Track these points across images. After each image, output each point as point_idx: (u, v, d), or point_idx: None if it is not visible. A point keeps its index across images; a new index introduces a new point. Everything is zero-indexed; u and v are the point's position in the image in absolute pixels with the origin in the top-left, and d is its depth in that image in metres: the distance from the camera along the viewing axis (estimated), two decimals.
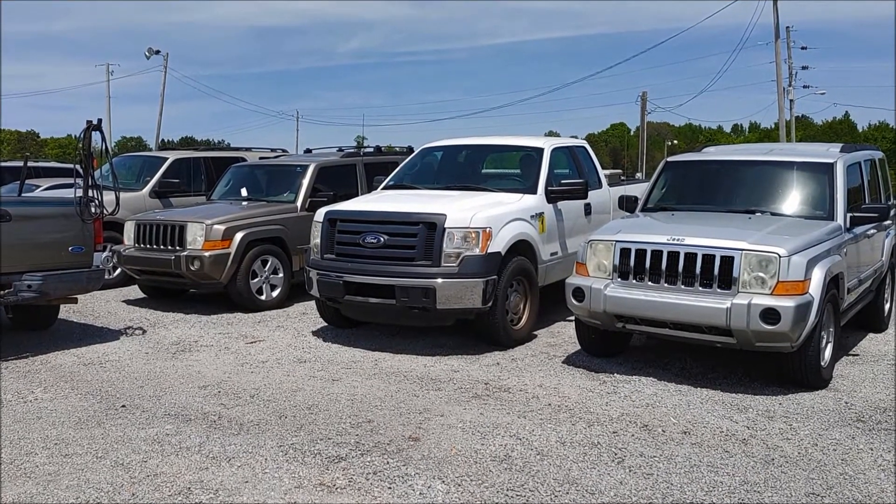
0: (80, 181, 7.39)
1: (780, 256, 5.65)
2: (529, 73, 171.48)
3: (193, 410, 5.40)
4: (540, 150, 8.42)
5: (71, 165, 17.43)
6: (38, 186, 12.92)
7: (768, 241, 5.83)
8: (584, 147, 9.43)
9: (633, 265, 6.15)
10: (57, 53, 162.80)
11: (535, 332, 7.68)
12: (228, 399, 5.66)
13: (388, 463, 4.42)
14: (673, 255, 5.97)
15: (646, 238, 6.20)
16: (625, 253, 6.21)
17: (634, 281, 6.14)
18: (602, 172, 9.44)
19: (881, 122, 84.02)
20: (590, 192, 8.46)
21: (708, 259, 5.84)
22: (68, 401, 5.64)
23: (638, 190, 9.96)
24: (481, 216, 7.01)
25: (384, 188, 8.64)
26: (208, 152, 13.19)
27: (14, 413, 5.34)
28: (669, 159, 8.05)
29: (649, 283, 6.07)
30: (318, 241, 7.49)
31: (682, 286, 5.92)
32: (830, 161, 6.96)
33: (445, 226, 6.87)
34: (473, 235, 6.89)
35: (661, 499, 3.99)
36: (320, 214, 7.57)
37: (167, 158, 12.04)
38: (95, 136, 7.45)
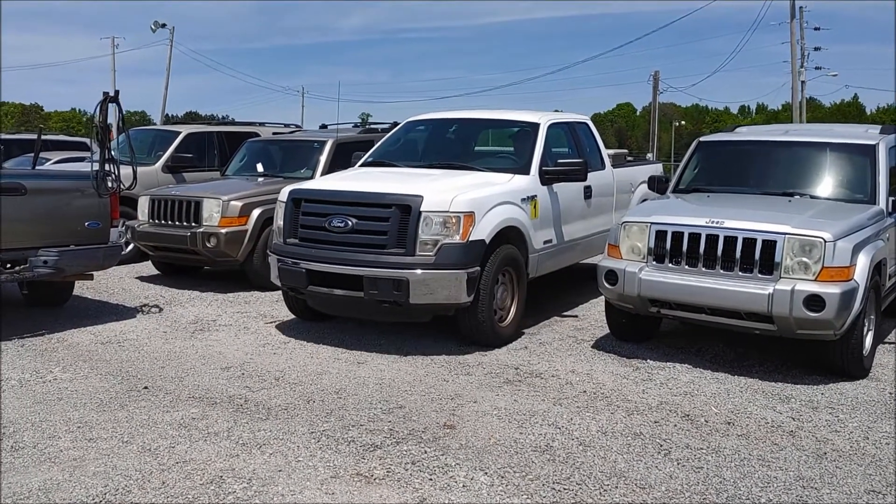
0: (95, 154, 7.20)
1: (825, 241, 5.46)
2: (535, 52, 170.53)
3: (218, 393, 5.24)
4: (535, 126, 7.58)
5: (80, 139, 17.26)
6: (48, 160, 12.72)
7: (812, 224, 5.64)
8: (585, 124, 8.65)
9: (670, 248, 5.95)
10: (62, 26, 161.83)
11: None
12: (253, 381, 5.50)
13: (425, 452, 4.25)
14: (712, 239, 5.77)
15: (683, 220, 5.99)
16: (660, 235, 6.02)
17: (671, 264, 5.95)
18: (605, 152, 8.70)
19: (890, 104, 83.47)
20: (591, 174, 7.75)
21: (749, 243, 5.65)
22: (89, 381, 5.47)
23: (646, 172, 9.36)
24: (463, 199, 6.17)
25: (362, 165, 7.84)
26: (221, 127, 12.97)
27: (34, 394, 5.18)
28: (702, 139, 7.82)
29: (686, 266, 5.87)
30: (280, 223, 6.70)
31: (721, 271, 5.73)
32: (872, 143, 6.74)
33: (421, 209, 6.04)
34: (453, 220, 6.06)
35: (714, 495, 3.82)
36: (284, 193, 6.78)
37: (180, 133, 11.81)
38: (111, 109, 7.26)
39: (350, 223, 6.21)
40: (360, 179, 7.02)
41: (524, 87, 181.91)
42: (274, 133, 12.26)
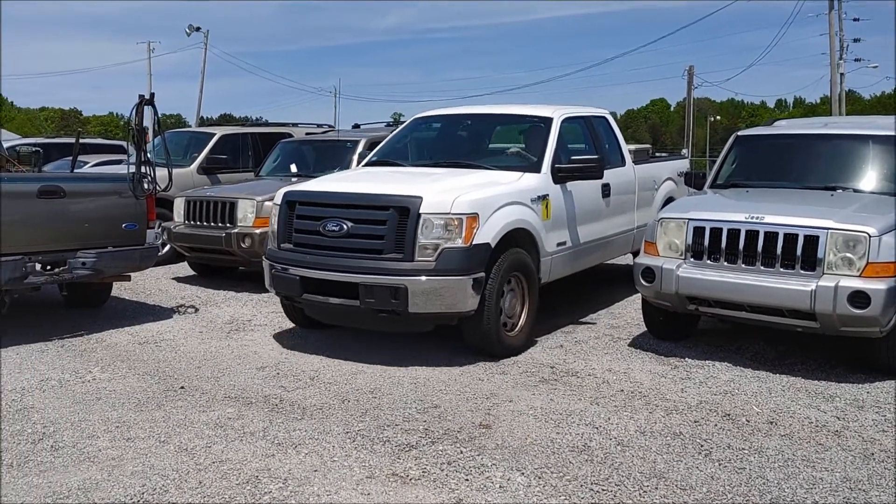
0: (131, 157, 7.27)
1: (869, 236, 5.31)
2: (565, 49, 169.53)
3: (253, 393, 5.25)
4: (547, 121, 7.13)
5: (117, 142, 17.51)
6: (86, 163, 12.91)
7: (856, 219, 5.49)
8: (604, 118, 8.21)
9: (708, 245, 5.84)
10: (98, 32, 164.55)
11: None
12: (288, 381, 5.50)
13: (461, 452, 4.21)
14: (752, 235, 5.66)
15: (722, 216, 5.89)
16: (699, 232, 5.91)
17: (709, 261, 5.84)
18: (626, 148, 8.28)
19: None
20: (610, 171, 7.39)
21: (790, 238, 5.52)
22: (126, 381, 5.52)
23: (671, 168, 9.19)
24: (466, 199, 5.74)
25: (366, 164, 7.48)
26: (255, 128, 13.06)
27: (74, 394, 5.23)
28: (740, 133, 7.67)
29: (725, 263, 5.76)
30: (275, 227, 6.32)
31: (762, 267, 5.61)
32: None
33: (421, 211, 5.62)
34: (455, 223, 5.64)
35: (758, 496, 3.73)
36: (279, 196, 6.40)
37: (214, 134, 11.91)
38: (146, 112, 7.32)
39: (345, 227, 5.81)
40: (358, 180, 6.63)
41: (554, 84, 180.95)
42: (307, 133, 12.32)
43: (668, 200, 8.61)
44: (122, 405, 5.01)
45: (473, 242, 5.69)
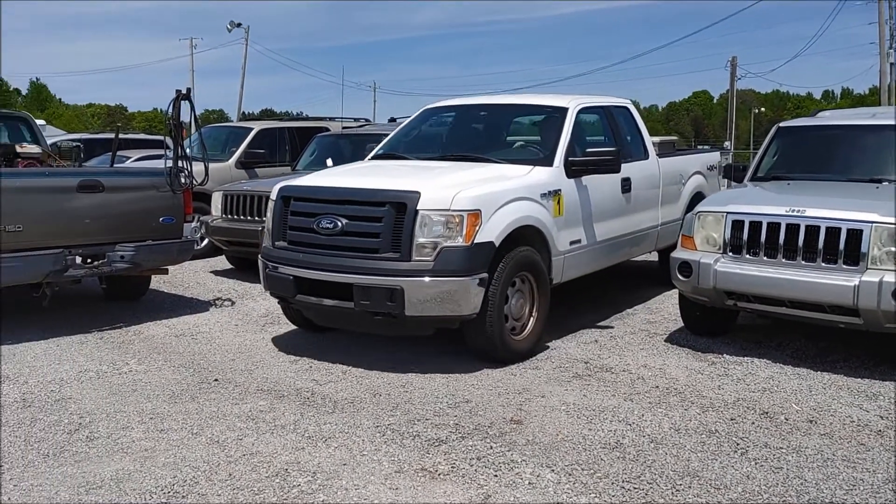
0: (169, 151, 7.35)
1: None
2: (605, 42, 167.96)
3: (286, 386, 5.27)
4: (562, 111, 6.75)
5: (158, 137, 17.77)
6: (127, 158, 13.11)
7: None
8: (625, 108, 7.80)
9: (747, 238, 5.71)
10: (142, 30, 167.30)
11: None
12: (320, 375, 5.51)
13: (491, 448, 4.17)
14: (792, 228, 5.51)
15: (761, 209, 5.75)
16: (737, 225, 5.78)
17: (748, 255, 5.71)
18: (649, 140, 7.87)
19: None
20: (631, 164, 7.10)
21: (833, 232, 5.37)
22: (162, 373, 5.58)
23: (700, 161, 8.79)
24: (467, 195, 5.41)
25: (372, 157, 7.18)
26: (292, 122, 13.14)
27: (110, 385, 5.31)
28: (781, 125, 7.50)
29: (765, 257, 5.62)
30: (270, 224, 6.08)
31: (803, 261, 5.46)
32: None
33: (418, 207, 5.30)
34: (456, 220, 5.31)
35: (795, 497, 3.63)
36: (274, 191, 6.14)
37: (252, 129, 12.01)
38: (183, 107, 7.39)
39: (340, 224, 5.51)
40: (356, 174, 6.32)
41: (594, 76, 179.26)
42: (344, 128, 12.36)
43: (697, 196, 8.34)
44: (156, 397, 5.07)
45: (475, 241, 5.36)
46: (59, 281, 6.68)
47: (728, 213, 5.85)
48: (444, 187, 5.49)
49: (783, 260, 5.54)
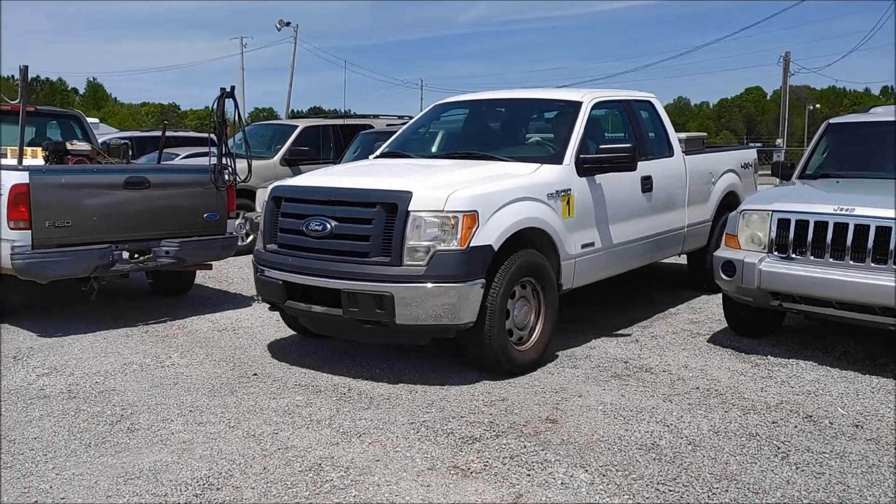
0: (214, 149, 7.46)
1: None
2: (654, 37, 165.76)
3: (323, 381, 5.30)
4: (575, 105, 6.38)
5: (206, 135, 18.05)
6: (176, 155, 13.34)
7: None
8: (648, 102, 7.36)
9: (793, 238, 5.57)
10: (195, 29, 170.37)
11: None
12: (359, 370, 5.54)
13: (525, 447, 4.14)
14: (840, 227, 5.37)
15: (808, 208, 5.60)
16: (783, 224, 5.65)
17: (794, 255, 5.57)
18: (674, 136, 7.43)
19: None
20: (653, 162, 6.78)
21: (882, 232, 5.21)
22: (203, 367, 5.67)
23: (733, 158, 8.34)
24: (462, 195, 5.07)
25: (378, 156, 6.93)
26: (336, 120, 13.24)
27: (153, 378, 5.41)
28: (832, 121, 7.31)
29: (811, 257, 5.49)
30: (262, 226, 5.84)
31: (851, 261, 5.31)
32: None
33: (410, 208, 4.99)
34: (450, 222, 4.97)
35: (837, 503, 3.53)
36: (267, 191, 5.90)
37: (297, 127, 12.15)
38: (229, 105, 7.49)
39: (329, 226, 5.22)
40: (350, 174, 6.10)
41: (642, 73, 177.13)
42: (388, 125, 12.41)
43: (729, 195, 8.02)
44: (196, 390, 5.15)
45: (471, 244, 5.02)
46: (107, 275, 6.83)
47: (774, 211, 5.72)
48: (437, 187, 5.17)
49: (831, 260, 5.40)
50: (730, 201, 7.95)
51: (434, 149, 6.99)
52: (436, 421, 4.53)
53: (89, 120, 10.78)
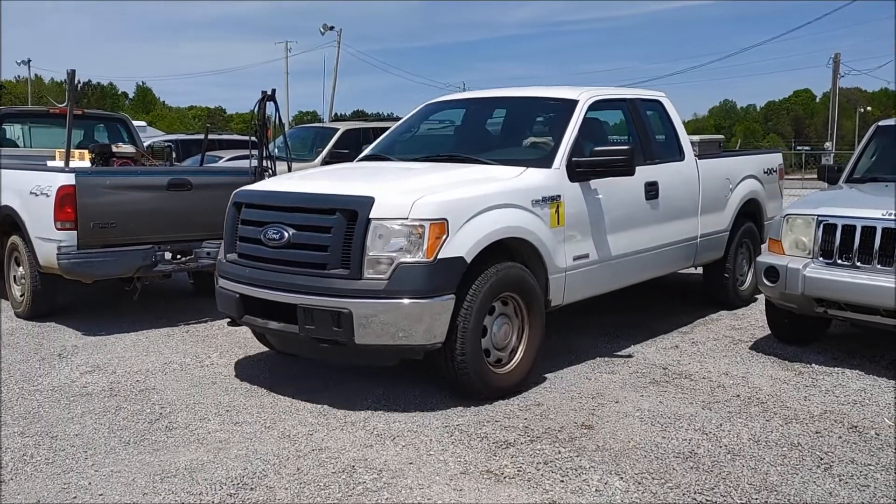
0: (255, 151, 7.55)
1: None
2: (700, 39, 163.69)
3: (358, 384, 5.30)
4: (570, 104, 5.87)
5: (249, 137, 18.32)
6: (220, 157, 13.54)
7: None
8: (656, 101, 6.84)
9: (839, 243, 5.44)
10: (240, 33, 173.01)
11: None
12: (396, 371, 5.53)
13: (559, 452, 4.10)
14: (889, 233, 5.22)
15: (855, 212, 5.47)
16: (828, 229, 5.51)
17: (840, 261, 5.43)
18: (686, 138, 6.87)
19: None
20: (660, 166, 6.31)
21: None
22: (241, 367, 5.73)
23: (754, 163, 7.74)
24: (430, 201, 4.59)
25: (360, 159, 6.57)
26: (377, 123, 13.32)
27: (192, 377, 5.48)
28: (881, 124, 7.12)
29: (858, 263, 5.34)
30: (224, 234, 5.43)
31: None
32: None
33: (371, 215, 4.52)
34: (416, 231, 4.49)
35: None
36: (232, 195, 5.47)
37: (338, 129, 12.28)
38: (270, 108, 7.59)
39: (286, 235, 4.79)
40: (316, 178, 5.68)
41: (690, 75, 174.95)
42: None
43: (749, 203, 7.51)
44: (234, 390, 5.20)
45: (440, 256, 4.52)
46: (150, 276, 6.95)
47: (819, 216, 5.59)
48: (402, 192, 4.73)
49: (878, 266, 5.25)
50: (750, 209, 7.57)
51: (418, 151, 6.43)
52: (470, 425, 4.51)
53: (138, 123, 11.03)
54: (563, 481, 3.77)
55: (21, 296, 7.21)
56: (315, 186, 5.23)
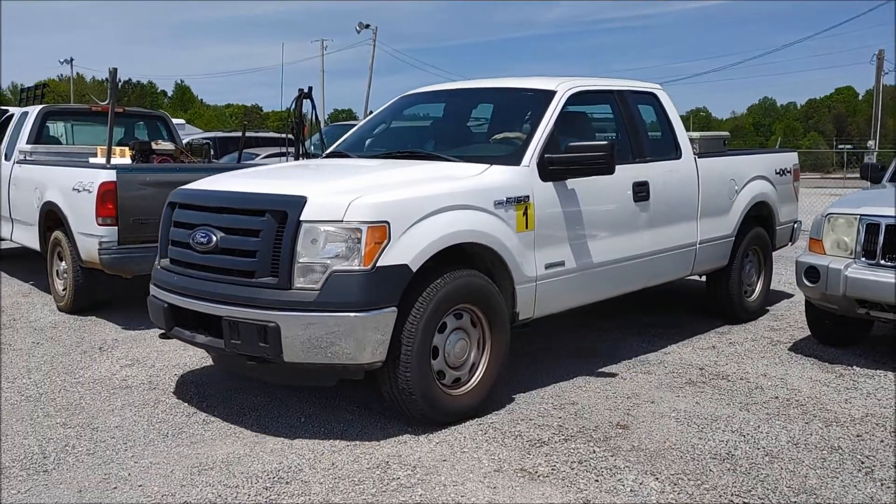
0: (291, 148, 7.61)
1: None
2: (739, 36, 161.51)
3: None
4: (546, 95, 5.33)
5: (285, 135, 18.48)
6: (257, 155, 13.67)
7: None
8: (650, 94, 6.23)
9: (883, 243, 5.33)
10: (277, 32, 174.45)
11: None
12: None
13: (594, 452, 4.08)
14: None
15: None
16: (871, 229, 5.42)
17: (883, 261, 5.33)
18: (684, 135, 6.29)
19: None
20: (652, 164, 5.78)
21: None
22: None
23: (763, 163, 7.18)
24: (368, 202, 4.11)
25: (326, 156, 6.09)
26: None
27: (231, 372, 5.54)
28: None
29: None
30: (159, 237, 4.96)
31: None
32: None
33: (302, 217, 4.05)
34: (353, 235, 4.02)
35: None
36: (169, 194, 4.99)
37: None
38: (307, 105, 7.65)
39: (214, 238, 4.33)
40: (253, 176, 5.24)
41: (730, 72, 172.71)
42: None
43: (757, 206, 6.93)
44: (271, 385, 5.23)
45: (379, 264, 4.04)
46: None
47: (862, 215, 5.49)
48: (339, 192, 4.24)
49: None
50: (759, 213, 7.02)
51: (380, 148, 5.95)
52: (504, 423, 4.50)
53: (177, 121, 11.18)
54: (597, 481, 3.75)
55: (63, 290, 7.37)
56: (247, 185, 4.76)
